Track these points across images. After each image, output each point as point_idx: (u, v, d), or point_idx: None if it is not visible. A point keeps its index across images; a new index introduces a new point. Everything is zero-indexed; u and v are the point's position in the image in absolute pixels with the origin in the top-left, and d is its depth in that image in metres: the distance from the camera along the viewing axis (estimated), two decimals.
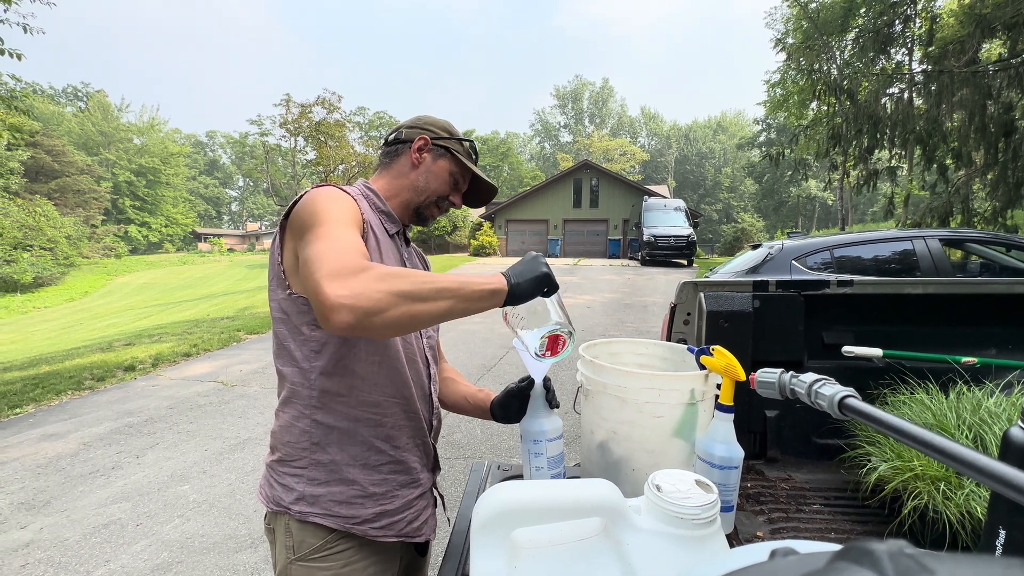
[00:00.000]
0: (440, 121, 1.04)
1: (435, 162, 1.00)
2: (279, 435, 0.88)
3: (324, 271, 0.66)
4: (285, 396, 0.87)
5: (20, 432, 3.85)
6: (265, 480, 0.91)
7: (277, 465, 0.88)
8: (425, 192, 1.00)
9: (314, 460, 0.85)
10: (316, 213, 0.77)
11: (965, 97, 8.23)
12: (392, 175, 1.00)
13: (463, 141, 1.04)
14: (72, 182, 35.99)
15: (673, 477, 0.66)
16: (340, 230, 0.75)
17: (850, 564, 0.16)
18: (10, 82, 7.65)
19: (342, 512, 0.85)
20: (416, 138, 0.98)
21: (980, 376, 1.11)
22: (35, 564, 2.28)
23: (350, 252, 0.70)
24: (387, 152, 1.02)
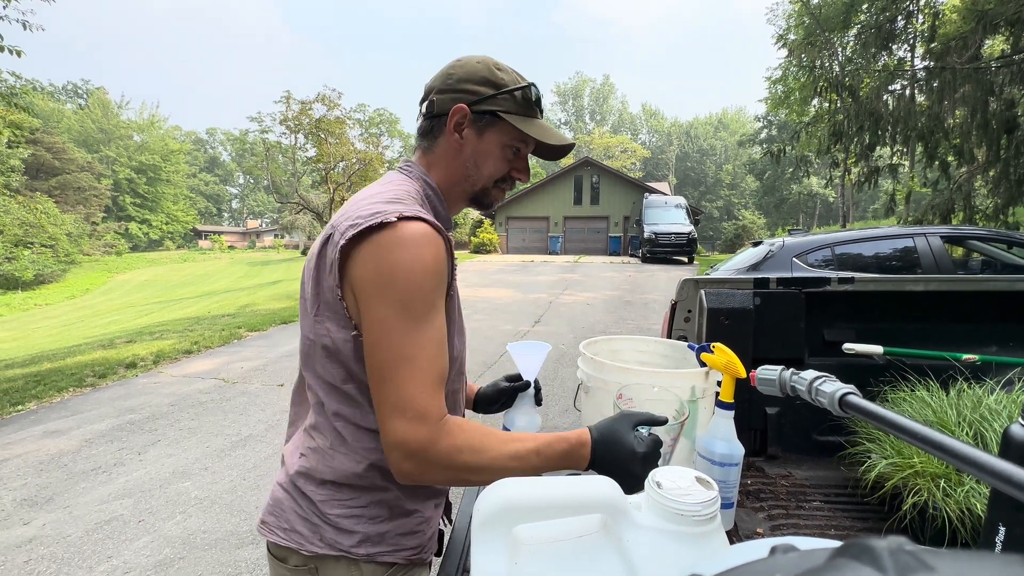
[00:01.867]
0: (478, 68, 0.76)
1: (481, 137, 0.77)
2: (325, 475, 0.74)
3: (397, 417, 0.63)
4: (340, 439, 0.73)
5: (22, 429, 3.86)
6: (299, 519, 0.75)
7: (324, 507, 0.74)
8: (479, 180, 0.80)
9: (376, 499, 0.75)
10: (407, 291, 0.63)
11: (967, 94, 8.19)
12: (439, 163, 0.80)
13: (515, 91, 0.76)
14: (73, 179, 35.99)
15: (673, 474, 0.66)
16: (426, 332, 0.65)
17: (850, 560, 0.16)
18: (10, 79, 7.64)
19: (409, 543, 0.77)
20: (450, 110, 0.75)
21: (981, 373, 1.11)
22: (38, 560, 2.29)
23: (430, 387, 0.64)
24: (423, 131, 0.80)
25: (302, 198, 27.94)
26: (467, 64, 0.77)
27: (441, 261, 0.67)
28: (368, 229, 0.63)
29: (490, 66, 0.77)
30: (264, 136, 27.98)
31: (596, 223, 25.07)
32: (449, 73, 0.77)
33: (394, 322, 0.63)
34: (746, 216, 40.90)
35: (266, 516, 0.78)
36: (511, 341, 1.01)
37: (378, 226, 0.63)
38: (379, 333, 0.64)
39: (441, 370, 0.67)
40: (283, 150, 28.34)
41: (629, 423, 0.70)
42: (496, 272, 14.49)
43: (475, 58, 0.78)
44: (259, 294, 13.96)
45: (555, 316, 7.94)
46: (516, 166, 0.82)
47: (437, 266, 0.66)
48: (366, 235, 0.64)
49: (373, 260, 0.64)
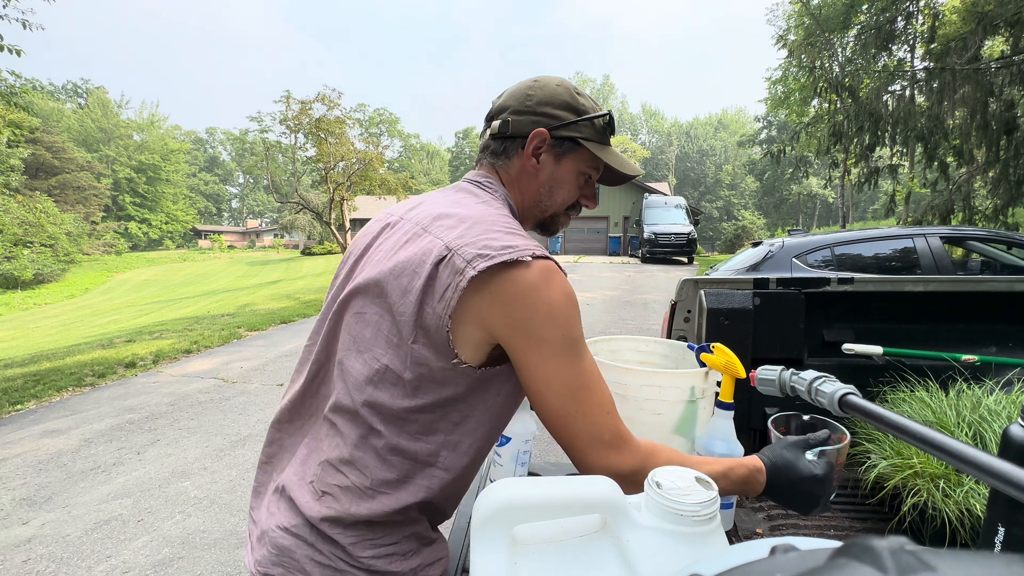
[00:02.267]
0: (559, 92, 0.74)
1: (559, 163, 0.76)
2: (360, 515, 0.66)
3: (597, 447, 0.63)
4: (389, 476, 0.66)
5: (21, 428, 3.86)
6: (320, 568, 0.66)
7: (354, 549, 0.66)
8: (550, 206, 0.78)
9: (408, 534, 0.69)
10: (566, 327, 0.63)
11: (967, 94, 8.20)
12: (514, 183, 0.77)
13: (595, 118, 0.75)
14: (72, 179, 35.98)
15: (673, 474, 0.66)
16: (589, 360, 0.64)
17: (851, 560, 0.16)
18: (9, 78, 7.64)
19: (436, 572, 0.73)
20: (530, 134, 0.73)
21: (980, 374, 1.11)
22: (37, 560, 2.29)
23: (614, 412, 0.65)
24: (495, 151, 0.77)
25: (302, 198, 27.92)
26: (547, 86, 0.75)
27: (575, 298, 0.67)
28: (502, 264, 0.60)
29: (571, 90, 0.75)
30: (264, 136, 27.96)
31: (596, 223, 25.07)
32: (528, 94, 0.74)
33: (560, 360, 0.62)
34: (746, 216, 40.92)
35: (271, 568, 0.66)
36: None
37: (513, 263, 0.60)
38: (550, 372, 0.62)
39: (611, 396, 0.66)
40: (283, 150, 28.33)
41: (798, 449, 0.69)
42: None
43: (553, 80, 0.76)
44: (259, 294, 13.96)
45: None
46: (586, 192, 0.81)
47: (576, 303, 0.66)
48: (498, 270, 0.60)
49: (522, 299, 0.61)
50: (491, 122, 0.77)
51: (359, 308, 0.67)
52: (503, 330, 0.62)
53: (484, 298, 0.61)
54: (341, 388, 0.67)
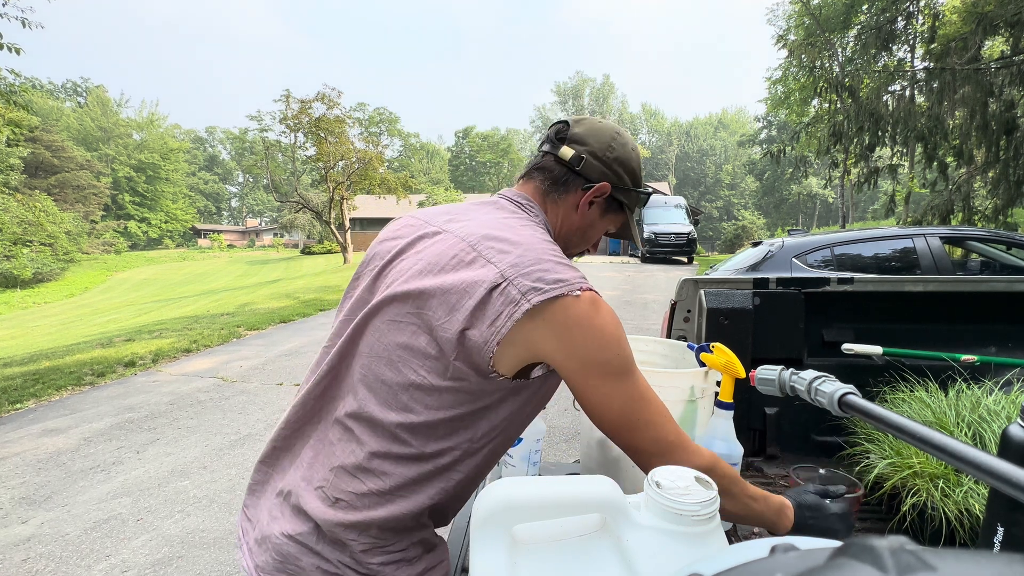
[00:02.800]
0: (632, 157, 0.80)
1: (602, 218, 0.81)
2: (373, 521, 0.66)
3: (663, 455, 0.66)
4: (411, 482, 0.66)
5: (20, 427, 3.86)
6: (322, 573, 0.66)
7: (365, 556, 0.66)
8: (571, 247, 0.83)
9: (416, 539, 0.70)
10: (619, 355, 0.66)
11: (967, 95, 8.20)
12: (557, 213, 0.79)
13: (643, 193, 0.83)
14: (72, 178, 35.95)
15: (673, 474, 0.66)
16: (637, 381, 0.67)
17: (851, 560, 0.16)
18: (9, 77, 7.63)
19: (442, 573, 0.74)
20: (598, 184, 0.77)
21: (979, 374, 1.11)
22: (36, 558, 2.29)
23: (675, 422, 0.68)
24: (555, 177, 0.78)
25: (302, 197, 27.90)
26: (626, 146, 0.79)
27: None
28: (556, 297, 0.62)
29: (639, 159, 0.81)
30: (263, 135, 27.92)
31: None
32: (611, 144, 0.77)
33: (617, 379, 0.65)
34: (746, 216, 40.95)
35: (274, 575, 0.67)
36: None
37: (565, 295, 0.62)
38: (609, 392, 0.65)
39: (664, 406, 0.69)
40: (282, 149, 28.29)
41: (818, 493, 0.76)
42: None
43: (632, 143, 0.81)
44: (258, 293, 13.95)
45: None
46: (596, 242, 0.87)
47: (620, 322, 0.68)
48: (552, 302, 0.62)
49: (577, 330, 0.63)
50: (562, 144, 0.77)
51: (394, 316, 0.67)
52: (559, 357, 0.64)
53: (537, 326, 0.62)
54: (364, 395, 0.66)
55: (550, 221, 0.79)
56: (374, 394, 0.66)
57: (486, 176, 54.18)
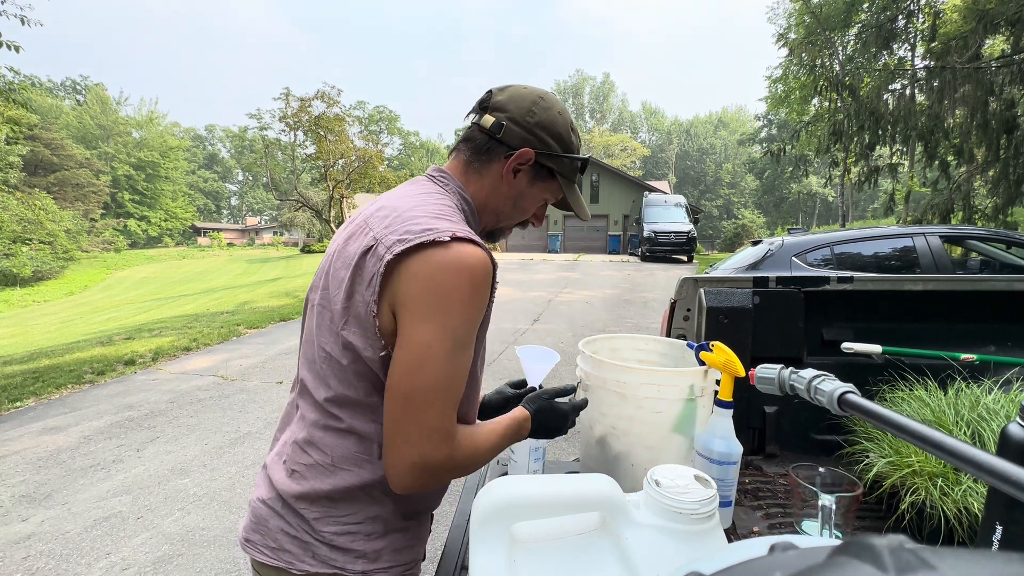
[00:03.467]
0: (558, 121, 0.77)
1: (531, 186, 0.79)
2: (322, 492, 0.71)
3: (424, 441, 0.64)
4: (348, 455, 0.70)
5: (21, 425, 3.86)
6: (288, 538, 0.72)
7: (318, 524, 0.71)
8: (504, 219, 0.82)
9: (372, 515, 0.73)
10: (458, 318, 0.63)
11: (967, 93, 8.20)
12: (482, 184, 0.77)
13: (577, 159, 0.80)
14: (71, 176, 35.91)
15: (672, 472, 0.66)
16: (463, 360, 0.65)
17: (851, 558, 0.16)
18: (8, 75, 7.61)
19: (404, 559, 0.76)
20: (520, 149, 0.74)
21: (979, 373, 1.11)
22: (36, 556, 2.29)
23: (453, 410, 0.66)
24: (477, 146, 0.76)
25: (301, 195, 27.88)
26: (550, 109, 0.76)
27: (489, 288, 0.66)
28: (419, 246, 0.61)
29: (568, 124, 0.78)
30: (263, 133, 27.91)
31: (596, 221, 25.05)
32: (531, 109, 0.75)
33: (438, 349, 0.62)
34: (746, 215, 40.94)
35: (249, 534, 0.74)
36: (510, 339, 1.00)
37: (429, 243, 0.61)
38: (421, 359, 0.62)
39: (461, 394, 0.68)
40: (282, 147, 28.27)
41: (549, 395, 0.84)
42: None
43: (558, 106, 0.78)
44: (258, 291, 13.94)
45: (554, 314, 7.94)
46: (538, 213, 0.86)
47: (485, 293, 0.65)
48: (415, 252, 0.62)
49: (425, 280, 0.62)
50: (484, 113, 0.76)
51: (314, 301, 0.74)
52: (400, 306, 0.63)
53: (400, 279, 0.63)
54: (304, 373, 0.74)
55: (473, 192, 0.77)
56: (310, 372, 0.72)
57: None
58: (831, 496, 0.77)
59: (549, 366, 0.97)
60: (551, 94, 0.79)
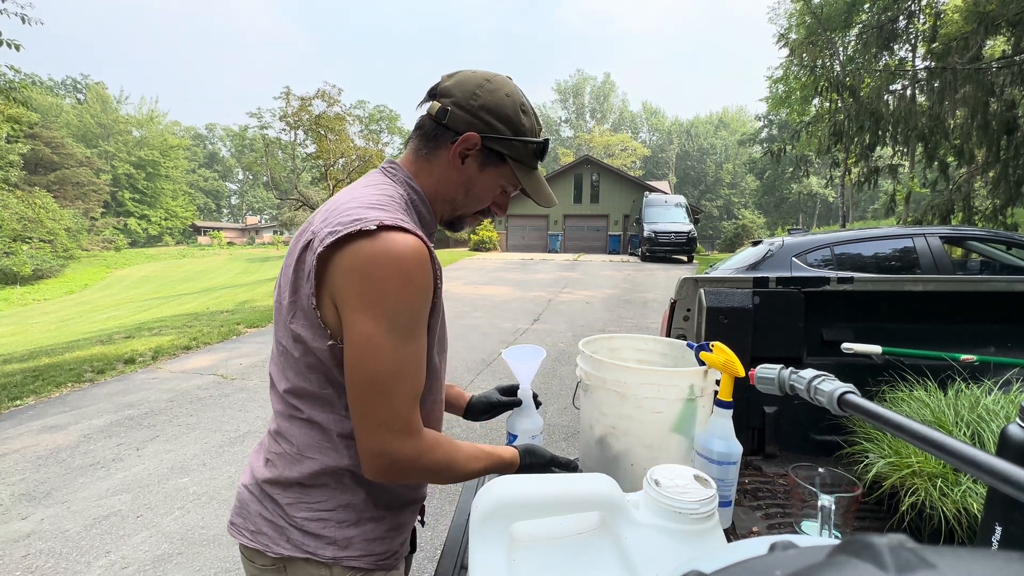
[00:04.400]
0: (505, 103, 0.73)
1: (481, 172, 0.76)
2: (292, 478, 0.74)
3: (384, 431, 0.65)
4: (313, 444, 0.73)
5: (21, 424, 3.86)
6: (265, 521, 0.75)
7: (291, 510, 0.74)
8: (460, 207, 0.80)
9: (344, 503, 0.75)
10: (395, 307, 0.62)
11: (968, 94, 8.19)
12: (432, 172, 0.77)
13: (530, 142, 0.76)
14: (71, 174, 35.89)
15: (672, 472, 0.66)
16: (412, 348, 0.65)
17: (851, 557, 0.16)
18: (8, 73, 7.61)
19: (377, 549, 0.77)
20: (464, 133, 0.72)
21: (979, 374, 1.11)
22: (36, 555, 2.29)
23: (412, 401, 0.66)
24: (426, 134, 0.76)
25: (301, 194, 27.87)
26: (496, 91, 0.73)
27: (426, 274, 0.65)
28: (347, 237, 0.61)
29: (517, 105, 0.75)
30: (263, 132, 27.89)
31: (596, 221, 25.05)
32: (475, 92, 0.73)
33: (381, 339, 0.63)
34: (746, 215, 40.92)
35: (234, 517, 0.79)
36: (510, 339, 1.00)
37: (357, 234, 0.61)
38: (366, 349, 0.63)
39: (421, 384, 0.69)
40: (282, 146, 28.26)
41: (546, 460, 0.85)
42: (495, 270, 14.48)
43: (506, 88, 0.75)
44: (258, 290, 13.95)
45: (554, 314, 7.94)
46: (499, 202, 0.82)
47: (423, 280, 0.65)
48: (345, 243, 0.62)
49: (357, 272, 0.62)
50: (432, 100, 0.75)
51: (275, 298, 0.76)
52: (339, 300, 0.64)
53: (334, 272, 0.63)
54: (272, 367, 0.78)
55: (424, 181, 0.77)
56: (274, 365, 0.76)
57: None
58: (830, 496, 0.77)
59: (536, 363, 0.97)
60: (502, 77, 0.76)
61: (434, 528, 2.40)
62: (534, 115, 0.78)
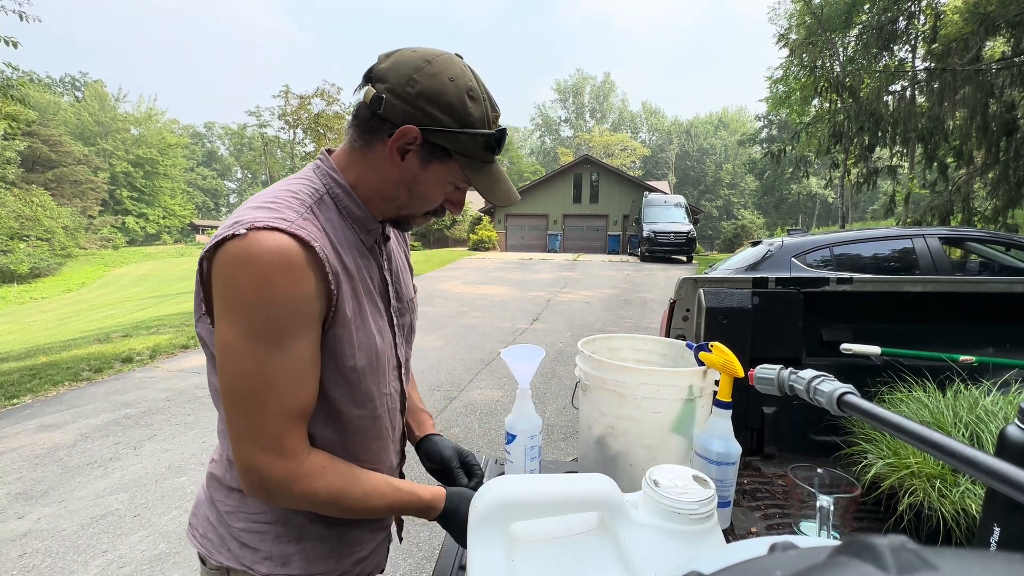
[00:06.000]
0: (448, 90, 0.62)
1: (424, 168, 0.66)
2: (232, 484, 0.71)
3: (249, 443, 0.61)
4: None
5: (17, 423, 3.85)
6: (210, 526, 0.73)
7: (229, 518, 0.71)
8: (406, 207, 0.71)
9: (282, 517, 0.71)
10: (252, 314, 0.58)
11: (967, 95, 8.21)
12: (367, 167, 0.68)
13: (479, 135, 0.65)
14: (69, 172, 35.81)
15: (671, 472, 0.66)
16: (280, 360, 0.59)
17: (852, 558, 0.16)
18: (6, 70, 7.59)
19: (319, 569, 0.73)
20: (402, 126, 0.63)
21: (977, 375, 1.11)
22: (33, 554, 2.28)
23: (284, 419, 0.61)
24: (361, 123, 0.66)
25: None
26: (437, 76, 0.62)
27: (294, 279, 0.58)
28: (221, 241, 0.58)
29: (463, 91, 0.63)
30: (262, 131, 27.88)
31: (595, 221, 25.06)
32: (412, 78, 0.62)
33: (240, 346, 0.58)
34: (745, 216, 40.98)
35: (191, 517, 0.77)
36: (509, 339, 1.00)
37: (230, 237, 0.57)
38: (225, 355, 0.59)
39: (301, 403, 0.63)
40: (281, 145, 28.24)
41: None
42: (495, 269, 14.48)
43: (450, 70, 0.63)
44: None
45: (554, 314, 7.94)
46: (452, 199, 0.73)
47: (287, 285, 0.58)
48: (219, 247, 0.58)
49: (222, 276, 0.58)
50: (367, 84, 0.65)
51: None
52: (214, 305, 0.60)
53: (212, 276, 0.60)
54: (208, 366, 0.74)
55: (357, 176, 0.68)
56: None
57: None
58: (829, 497, 0.77)
59: (535, 363, 0.97)
60: (447, 56, 0.65)
61: (433, 528, 2.40)
62: (487, 101, 0.66)
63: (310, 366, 0.63)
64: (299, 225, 0.60)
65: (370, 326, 0.70)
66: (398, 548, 2.28)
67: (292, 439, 0.62)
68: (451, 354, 5.49)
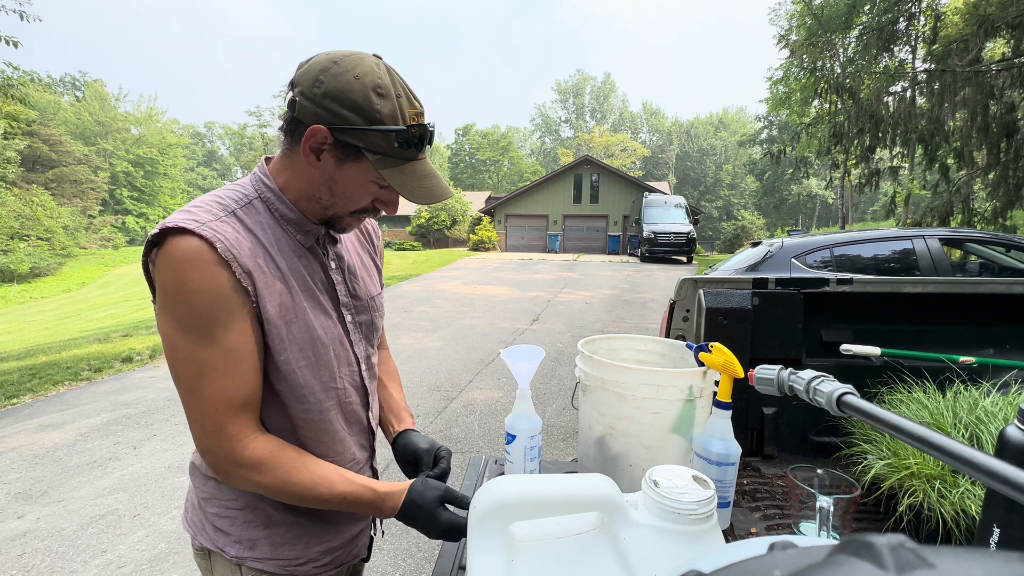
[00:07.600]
0: (352, 88, 0.62)
1: (340, 167, 0.67)
2: (208, 472, 0.76)
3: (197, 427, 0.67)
4: None
5: (17, 422, 3.85)
6: (194, 510, 0.79)
7: (205, 504, 0.77)
8: (332, 207, 0.71)
9: (251, 503, 0.75)
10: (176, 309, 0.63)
11: (967, 97, 8.21)
12: (294, 170, 0.70)
13: (389, 131, 0.64)
14: (69, 172, 35.80)
15: (670, 473, 0.66)
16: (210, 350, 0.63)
17: (851, 557, 0.16)
18: (7, 70, 7.59)
19: (284, 555, 0.76)
20: (308, 128, 0.64)
21: (977, 376, 1.11)
22: (32, 553, 2.28)
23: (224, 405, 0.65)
24: (284, 128, 0.69)
25: None
26: (343, 75, 0.62)
27: (208, 276, 0.62)
28: (147, 244, 0.64)
29: (369, 89, 0.62)
30: (262, 130, 27.87)
31: (595, 222, 25.07)
32: (318, 79, 0.63)
33: (175, 337, 0.64)
34: (745, 216, 40.99)
35: (185, 502, 0.83)
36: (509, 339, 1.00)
37: (153, 240, 0.63)
38: (166, 347, 0.65)
39: (239, 391, 0.66)
40: None
41: (438, 495, 0.74)
42: (494, 270, 14.48)
43: (357, 69, 0.63)
44: None
45: (553, 314, 7.94)
46: (381, 198, 0.72)
47: (202, 282, 0.62)
48: (150, 249, 0.64)
49: (155, 275, 0.64)
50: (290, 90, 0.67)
51: None
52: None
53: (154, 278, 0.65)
54: None
55: (287, 179, 0.71)
56: None
57: (485, 174, 54.10)
58: (829, 498, 0.77)
59: (535, 364, 0.97)
60: (356, 56, 0.65)
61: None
62: (404, 96, 0.66)
63: (245, 356, 0.66)
64: (211, 227, 0.63)
65: (307, 322, 0.72)
66: (398, 548, 2.28)
67: (234, 424, 0.66)
68: (451, 354, 5.49)
